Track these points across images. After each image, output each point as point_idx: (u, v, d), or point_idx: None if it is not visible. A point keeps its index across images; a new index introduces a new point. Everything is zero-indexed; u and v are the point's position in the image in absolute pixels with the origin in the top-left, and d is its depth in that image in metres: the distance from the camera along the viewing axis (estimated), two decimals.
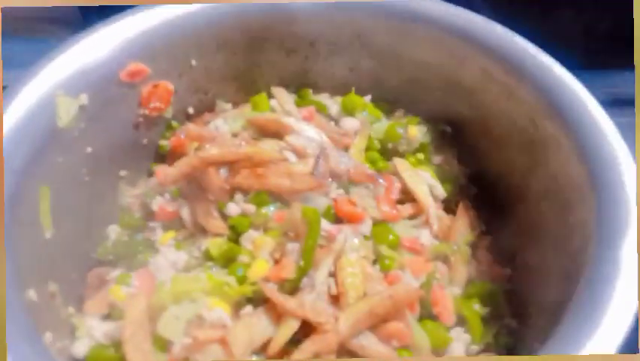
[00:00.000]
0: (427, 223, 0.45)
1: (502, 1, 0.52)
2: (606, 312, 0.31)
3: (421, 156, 0.49)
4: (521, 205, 0.45)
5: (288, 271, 0.37)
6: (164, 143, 0.50)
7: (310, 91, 0.54)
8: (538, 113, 0.41)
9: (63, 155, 0.40)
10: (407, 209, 0.45)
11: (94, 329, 0.38)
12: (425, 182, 0.46)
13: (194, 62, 0.49)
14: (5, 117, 0.36)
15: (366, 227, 0.42)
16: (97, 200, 0.45)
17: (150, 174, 0.50)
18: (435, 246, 0.44)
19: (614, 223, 0.34)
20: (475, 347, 0.40)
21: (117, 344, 0.37)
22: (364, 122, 0.50)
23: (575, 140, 0.37)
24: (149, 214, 0.46)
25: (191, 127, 0.49)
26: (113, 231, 0.46)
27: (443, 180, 0.48)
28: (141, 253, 0.43)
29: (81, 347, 0.36)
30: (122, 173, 0.49)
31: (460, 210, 0.46)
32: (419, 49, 0.49)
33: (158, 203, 0.46)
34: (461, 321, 0.41)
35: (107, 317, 0.40)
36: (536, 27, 0.43)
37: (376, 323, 0.37)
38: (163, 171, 0.45)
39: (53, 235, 0.39)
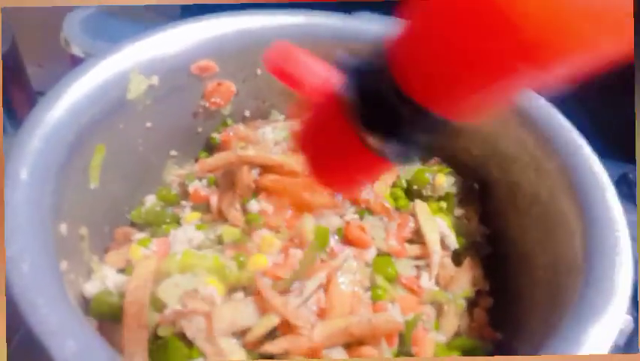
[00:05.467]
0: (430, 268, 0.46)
1: None
2: None
3: (443, 204, 0.51)
4: (526, 275, 0.46)
5: (284, 272, 0.40)
6: (215, 136, 0.56)
7: None
8: (558, 188, 0.42)
9: (125, 123, 0.46)
10: (414, 249, 0.47)
11: (107, 278, 0.42)
12: (438, 229, 0.48)
13: (259, 72, 0.54)
14: (84, 80, 0.42)
15: (370, 255, 0.45)
16: (144, 170, 0.51)
17: (197, 160, 0.55)
18: (432, 291, 0.45)
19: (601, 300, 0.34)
20: None
21: (122, 295, 0.41)
22: None
23: (584, 221, 0.38)
24: (185, 194, 0.51)
25: (240, 127, 0.54)
26: (150, 200, 0.51)
27: (459, 232, 0.50)
28: (167, 224, 0.48)
29: (91, 288, 0.40)
30: (173, 153, 0.54)
31: (466, 263, 0.47)
32: None
33: (194, 186, 0.51)
34: None
35: (122, 271, 0.44)
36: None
37: (351, 343, 0.39)
38: (204, 160, 0.50)
39: (97, 188, 0.44)
